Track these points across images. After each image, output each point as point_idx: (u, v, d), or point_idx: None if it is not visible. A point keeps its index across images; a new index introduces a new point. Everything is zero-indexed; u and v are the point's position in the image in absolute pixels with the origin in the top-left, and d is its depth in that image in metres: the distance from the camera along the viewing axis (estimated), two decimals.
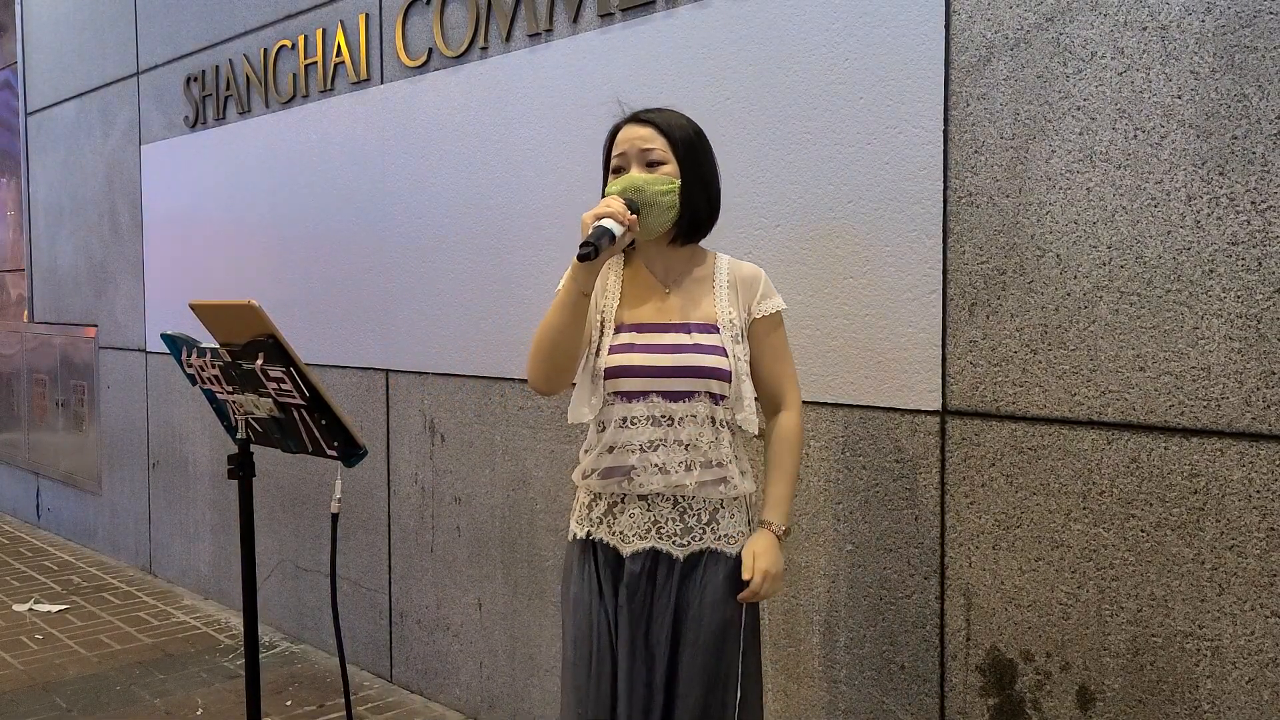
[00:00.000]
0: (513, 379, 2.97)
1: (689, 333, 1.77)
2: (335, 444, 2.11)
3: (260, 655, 2.84)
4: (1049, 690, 1.91)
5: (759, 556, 1.77)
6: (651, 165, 1.75)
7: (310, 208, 3.71)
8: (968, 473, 2.00)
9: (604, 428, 1.80)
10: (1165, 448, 1.76)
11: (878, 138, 2.11)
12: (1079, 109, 1.84)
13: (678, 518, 1.79)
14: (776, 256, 2.27)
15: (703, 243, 1.88)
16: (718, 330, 1.78)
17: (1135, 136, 1.77)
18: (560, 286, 1.74)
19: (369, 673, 3.54)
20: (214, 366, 2.24)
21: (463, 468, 3.15)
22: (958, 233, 2.00)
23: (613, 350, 1.78)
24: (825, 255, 2.19)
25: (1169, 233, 1.74)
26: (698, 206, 1.79)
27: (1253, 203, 1.66)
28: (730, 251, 2.39)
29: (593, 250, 1.61)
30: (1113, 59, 1.80)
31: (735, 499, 1.82)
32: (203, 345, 2.27)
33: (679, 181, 1.75)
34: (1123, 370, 1.80)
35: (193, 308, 2.18)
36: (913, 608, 2.09)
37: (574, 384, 1.84)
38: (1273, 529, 1.66)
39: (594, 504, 1.84)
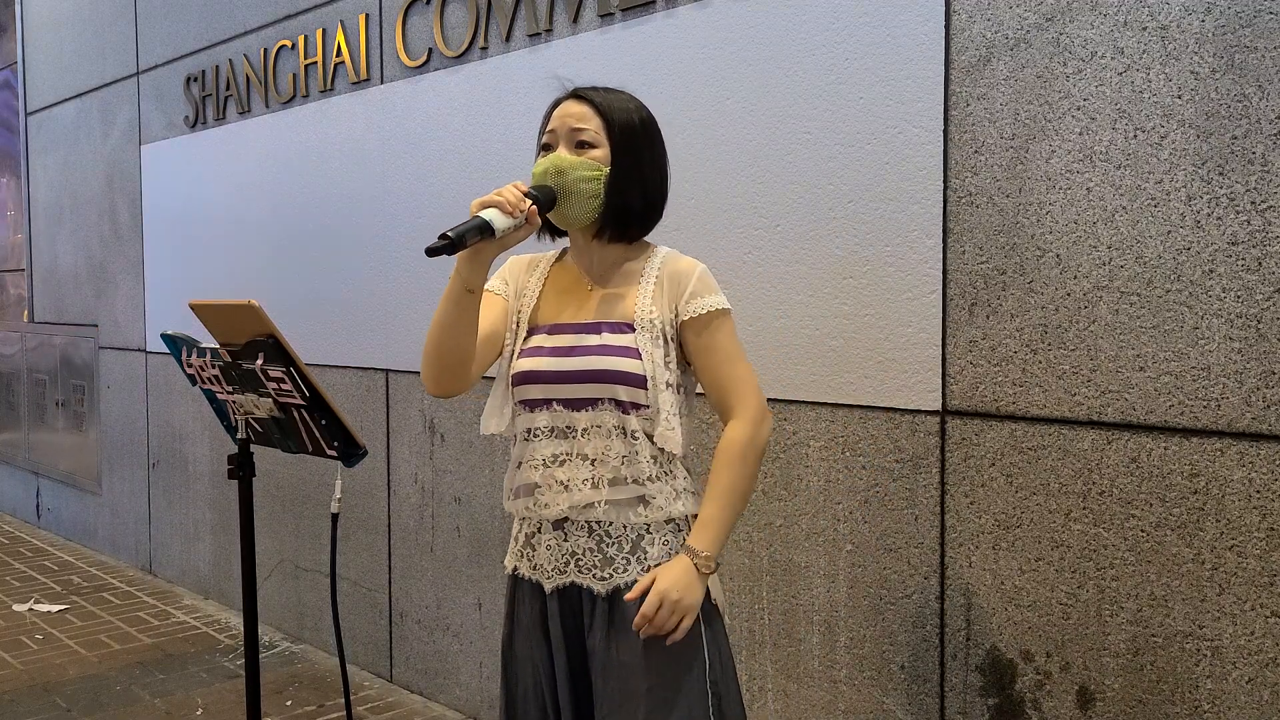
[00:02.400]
0: None
1: (599, 332, 1.58)
2: (335, 444, 2.11)
3: (260, 655, 2.84)
4: (1049, 690, 1.91)
5: (660, 576, 1.49)
6: (581, 147, 1.56)
7: (310, 207, 3.71)
8: (968, 473, 2.00)
9: (516, 440, 1.64)
10: (1165, 448, 1.76)
11: (878, 138, 2.11)
12: (1079, 109, 1.84)
13: (595, 548, 1.56)
14: (776, 256, 2.27)
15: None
16: (632, 329, 1.57)
17: (1135, 136, 1.77)
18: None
19: (369, 673, 3.54)
20: (214, 366, 2.24)
21: (463, 468, 3.15)
22: (958, 233, 2.00)
23: (521, 354, 1.62)
24: (825, 255, 2.19)
25: (1169, 233, 1.74)
26: (628, 199, 1.58)
27: (1253, 203, 1.66)
28: (730, 252, 2.38)
29: (449, 245, 1.39)
30: (1113, 59, 1.80)
31: (668, 523, 1.58)
32: (203, 345, 2.27)
33: (607, 169, 1.56)
34: (1123, 370, 1.80)
35: (193, 308, 2.18)
36: (913, 608, 2.09)
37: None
38: (1273, 529, 1.66)
39: (518, 534, 1.67)
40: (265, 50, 3.86)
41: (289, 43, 3.74)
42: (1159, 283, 1.76)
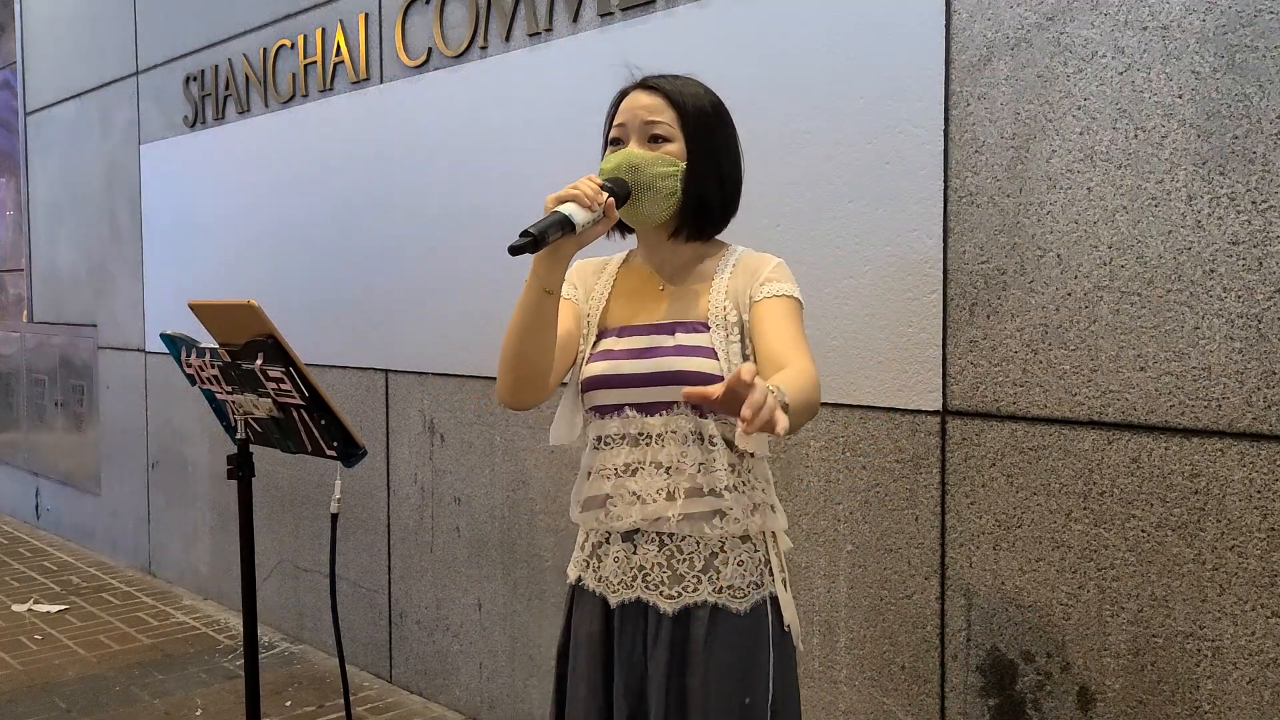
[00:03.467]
0: None
1: (672, 333, 1.49)
2: (334, 444, 2.11)
3: (260, 655, 2.83)
4: (1049, 691, 1.91)
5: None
6: (655, 141, 1.48)
7: (310, 207, 3.71)
8: (968, 473, 2.00)
9: (586, 449, 1.56)
10: (1166, 448, 1.76)
11: (878, 138, 2.10)
12: (1079, 109, 1.83)
13: (665, 563, 1.48)
14: (776, 256, 2.27)
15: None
16: (707, 328, 1.48)
17: (1136, 136, 1.77)
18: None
19: (369, 673, 3.54)
20: (213, 366, 2.24)
21: (462, 468, 3.15)
22: (958, 232, 2.00)
23: (591, 358, 1.53)
24: (825, 255, 2.19)
25: (1170, 232, 1.74)
26: (706, 195, 1.50)
27: (1253, 202, 1.66)
28: None
29: (531, 242, 1.32)
30: (1113, 58, 1.79)
31: (743, 540, 1.49)
32: (202, 345, 2.27)
33: (684, 164, 1.48)
34: (1123, 370, 1.80)
35: (192, 308, 2.18)
36: (913, 608, 2.09)
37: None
38: (1273, 529, 1.66)
39: (584, 543, 1.59)
40: (265, 50, 3.86)
41: (289, 42, 3.74)
42: (1160, 283, 1.75)
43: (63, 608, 4.31)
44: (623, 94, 1.55)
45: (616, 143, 1.52)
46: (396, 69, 3.30)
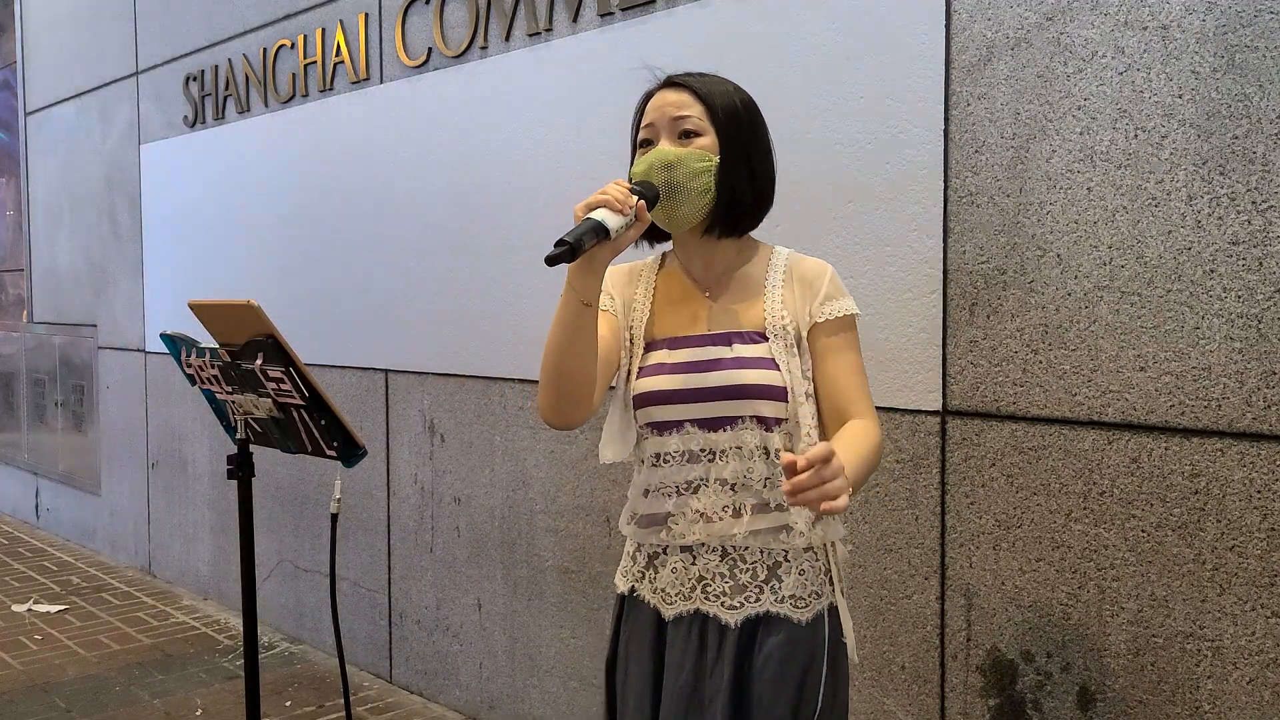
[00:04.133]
0: (512, 379, 2.97)
1: (729, 344, 1.45)
2: (334, 444, 2.11)
3: (260, 656, 2.83)
4: (1050, 691, 1.91)
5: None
6: (685, 137, 1.44)
7: (310, 208, 3.71)
8: (968, 473, 2.00)
9: (642, 466, 1.50)
10: (1166, 448, 1.76)
11: (878, 137, 2.10)
12: (1079, 109, 1.83)
13: (727, 573, 1.45)
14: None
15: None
16: (765, 339, 1.45)
17: (1136, 136, 1.77)
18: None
19: (369, 673, 3.54)
20: (213, 366, 2.24)
21: (462, 468, 3.15)
22: (958, 232, 2.00)
23: (642, 373, 1.48)
24: (825, 255, 2.18)
25: (1170, 232, 1.74)
26: (739, 189, 1.45)
27: (1253, 202, 1.66)
28: None
29: (568, 251, 1.28)
30: (1113, 58, 1.79)
31: (806, 551, 1.46)
32: (202, 345, 2.27)
33: (717, 158, 1.43)
34: (1123, 370, 1.80)
35: (192, 307, 2.18)
36: (913, 608, 2.09)
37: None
38: (1273, 529, 1.66)
39: (636, 553, 1.55)
40: (265, 50, 3.86)
41: (288, 42, 3.74)
42: (1160, 283, 1.75)
43: (63, 608, 4.31)
44: (648, 96, 1.52)
45: (646, 145, 1.48)
46: (396, 69, 3.30)
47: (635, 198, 1.36)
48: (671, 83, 1.49)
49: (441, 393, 3.21)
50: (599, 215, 1.32)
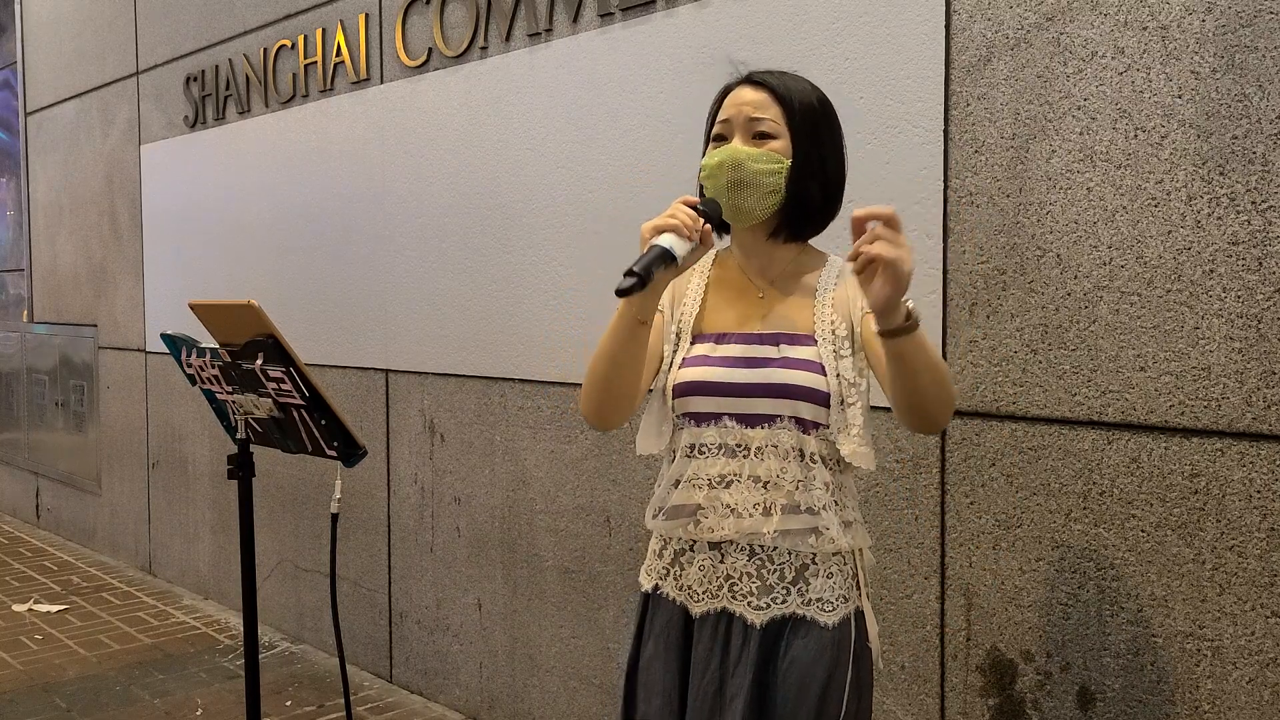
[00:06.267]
0: (513, 379, 2.97)
1: (776, 344, 1.45)
2: (335, 444, 2.11)
3: (260, 655, 2.84)
4: (1049, 690, 1.91)
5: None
6: (760, 138, 1.43)
7: (310, 208, 3.71)
8: (968, 473, 2.00)
9: (674, 457, 1.50)
10: (1166, 448, 1.76)
11: (878, 138, 2.10)
12: (1079, 109, 1.83)
13: (754, 573, 1.44)
14: None
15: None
16: (814, 342, 1.44)
17: (1135, 136, 1.77)
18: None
19: (369, 673, 3.54)
20: (214, 366, 2.24)
21: (462, 468, 3.15)
22: (958, 232, 2.00)
23: (685, 363, 1.48)
24: None
25: (1169, 232, 1.74)
26: (809, 194, 1.45)
27: (1253, 202, 1.66)
28: None
29: (638, 284, 1.26)
30: (1113, 59, 1.80)
31: (835, 555, 1.45)
32: (202, 345, 2.27)
33: (789, 161, 1.43)
34: (1123, 370, 1.80)
35: (192, 308, 2.18)
36: (913, 608, 2.09)
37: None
38: (1273, 529, 1.66)
39: (663, 550, 1.54)
40: (265, 50, 3.86)
41: (289, 42, 3.74)
42: (1159, 283, 1.75)
43: (63, 607, 4.31)
44: (726, 90, 1.50)
45: (720, 139, 1.47)
46: (396, 69, 3.31)
47: (702, 220, 1.36)
48: (752, 80, 1.48)
49: (441, 393, 3.21)
50: (666, 241, 1.32)
